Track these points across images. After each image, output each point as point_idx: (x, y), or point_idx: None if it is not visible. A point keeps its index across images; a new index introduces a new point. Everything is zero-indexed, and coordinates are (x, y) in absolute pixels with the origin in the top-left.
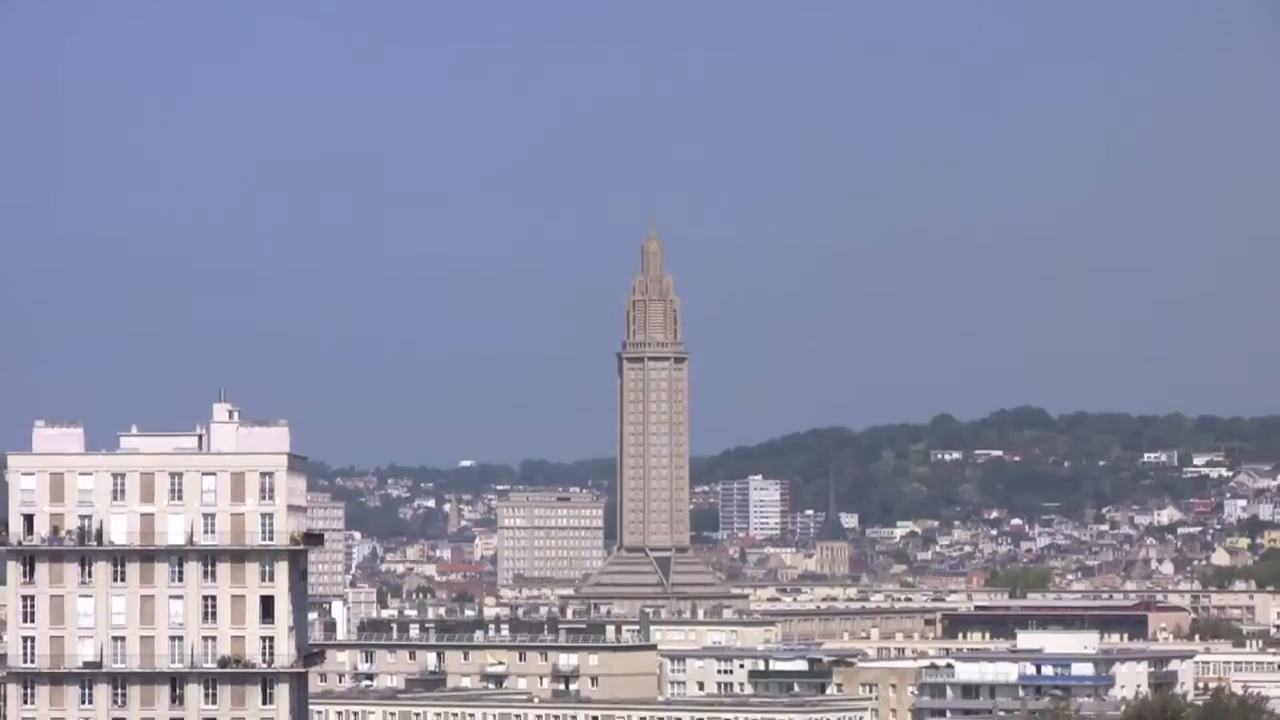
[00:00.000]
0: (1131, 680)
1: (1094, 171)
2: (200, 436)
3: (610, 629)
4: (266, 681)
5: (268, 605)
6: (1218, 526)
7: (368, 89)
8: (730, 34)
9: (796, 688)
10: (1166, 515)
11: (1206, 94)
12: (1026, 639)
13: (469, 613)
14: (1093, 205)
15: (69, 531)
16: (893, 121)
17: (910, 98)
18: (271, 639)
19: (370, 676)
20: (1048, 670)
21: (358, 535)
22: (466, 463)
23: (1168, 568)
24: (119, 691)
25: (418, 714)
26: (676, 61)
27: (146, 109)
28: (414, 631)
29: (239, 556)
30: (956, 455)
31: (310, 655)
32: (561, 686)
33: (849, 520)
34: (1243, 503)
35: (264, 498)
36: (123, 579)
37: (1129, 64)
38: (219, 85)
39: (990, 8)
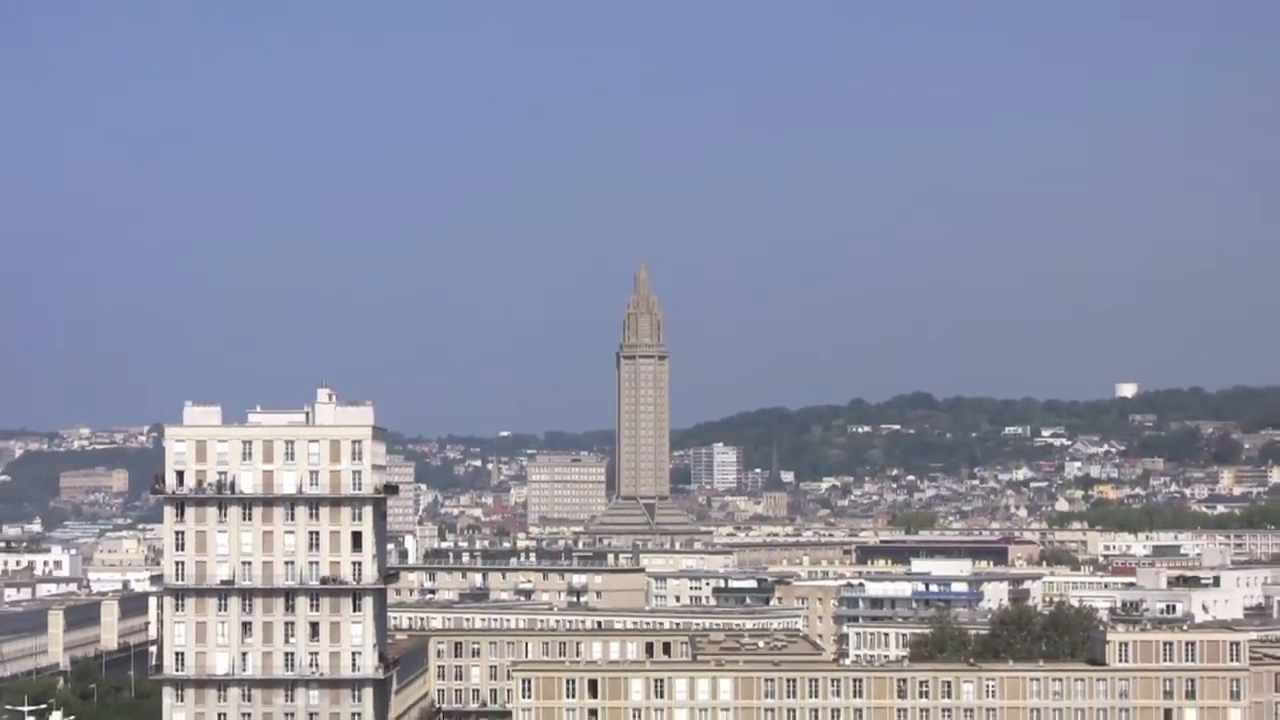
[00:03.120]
0: (996, 596)
1: (969, 201)
2: (307, 413)
3: (610, 556)
4: (356, 595)
5: (357, 539)
6: (1060, 482)
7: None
8: (689, 105)
9: (748, 600)
10: (1022, 474)
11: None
12: (918, 565)
13: (506, 544)
14: (961, 235)
15: (210, 484)
16: (811, 169)
17: (824, 141)
18: (360, 564)
19: (433, 591)
20: (934, 588)
21: (424, 487)
22: (505, 433)
23: (1023, 512)
24: (246, 602)
25: (468, 619)
26: (665, 117)
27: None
28: (465, 558)
29: (336, 503)
30: (867, 429)
31: (388, 576)
32: (574, 599)
33: (787, 476)
34: (1079, 464)
35: (354, 459)
36: (250, 519)
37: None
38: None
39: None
